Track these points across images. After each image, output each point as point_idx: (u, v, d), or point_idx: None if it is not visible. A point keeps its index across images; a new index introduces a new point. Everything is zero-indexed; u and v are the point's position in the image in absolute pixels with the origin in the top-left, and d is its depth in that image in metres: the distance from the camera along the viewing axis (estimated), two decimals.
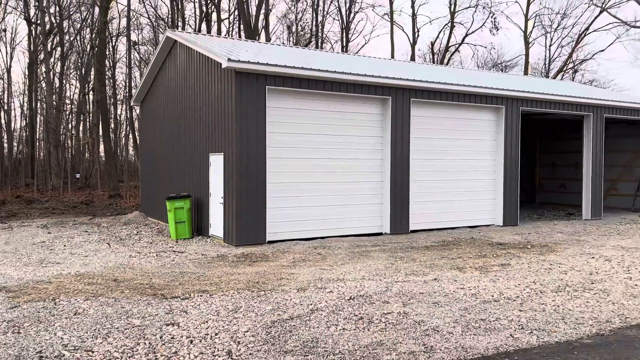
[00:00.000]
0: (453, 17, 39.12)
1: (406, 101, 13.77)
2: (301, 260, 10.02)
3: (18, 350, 5.10)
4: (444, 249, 11.55)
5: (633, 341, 5.53)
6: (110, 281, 8.16)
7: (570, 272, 9.04)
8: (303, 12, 38.89)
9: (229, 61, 11.09)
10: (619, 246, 12.03)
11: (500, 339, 5.54)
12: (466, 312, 6.53)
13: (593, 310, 6.68)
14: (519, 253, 10.99)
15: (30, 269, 9.14)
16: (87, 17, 39.37)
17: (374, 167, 13.62)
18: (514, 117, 15.68)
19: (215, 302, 6.93)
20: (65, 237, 12.89)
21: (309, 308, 6.63)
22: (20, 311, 6.43)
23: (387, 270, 9.03)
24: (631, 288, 7.92)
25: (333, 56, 18.17)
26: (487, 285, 8.00)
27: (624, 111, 18.44)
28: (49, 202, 21.58)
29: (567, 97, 16.59)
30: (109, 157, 26.66)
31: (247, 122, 11.59)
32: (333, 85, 12.63)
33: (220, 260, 10.09)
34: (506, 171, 15.55)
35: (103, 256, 10.52)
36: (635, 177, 21.07)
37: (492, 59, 44.29)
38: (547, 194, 24.91)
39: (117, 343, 5.35)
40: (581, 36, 38.17)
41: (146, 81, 17.69)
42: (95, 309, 6.57)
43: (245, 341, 5.43)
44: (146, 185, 18.76)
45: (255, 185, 11.71)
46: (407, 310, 6.59)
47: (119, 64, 44.20)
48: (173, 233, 12.97)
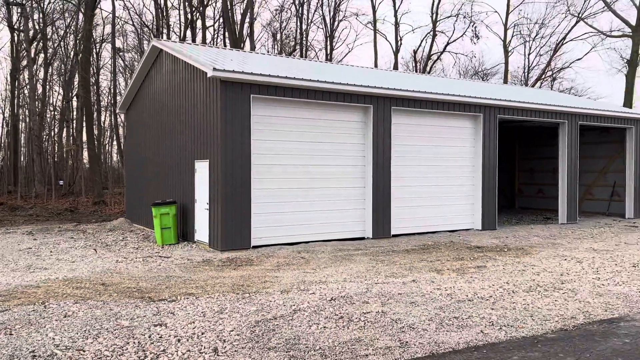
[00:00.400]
0: (435, 26, 39.86)
1: (387, 109, 14.18)
2: (285, 264, 10.31)
3: (11, 350, 5.32)
4: (424, 252, 11.92)
5: (594, 335, 5.93)
6: (98, 285, 8.37)
7: (542, 273, 9.46)
8: (287, 20, 39.31)
9: (214, 70, 11.38)
10: (591, 249, 12.51)
11: (471, 335, 5.89)
12: (441, 310, 6.88)
13: (560, 308, 7.08)
14: (496, 256, 11.40)
15: (18, 275, 9.30)
16: (71, 23, 39.37)
17: (356, 173, 13.98)
18: (492, 124, 16.18)
19: (202, 304, 7.19)
20: (51, 244, 13.02)
21: (291, 309, 6.93)
22: (11, 314, 6.62)
23: (368, 273, 9.36)
24: (598, 287, 8.35)
25: (317, 65, 18.55)
26: (462, 286, 8.37)
27: (598, 118, 19.08)
28: (33, 209, 21.57)
29: (542, 105, 17.16)
30: (93, 164, 26.68)
31: (232, 130, 11.88)
32: (316, 94, 12.98)
33: (206, 265, 10.33)
34: (484, 177, 16.03)
35: (90, 261, 10.70)
36: (610, 182, 21.74)
37: (473, 67, 45.20)
38: (526, 199, 25.54)
39: (107, 343, 5.59)
40: (558, 45, 39.15)
41: (132, 89, 17.89)
42: (84, 311, 6.79)
43: (230, 339, 5.71)
44: (131, 192, 18.90)
45: (240, 191, 11.99)
46: (385, 309, 6.91)
47: (103, 70, 44.18)
48: (159, 239, 13.17)
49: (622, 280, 8.94)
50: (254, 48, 31.39)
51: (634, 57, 33.96)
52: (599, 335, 5.90)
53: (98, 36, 39.46)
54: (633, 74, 34.00)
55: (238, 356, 5.21)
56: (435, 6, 39.83)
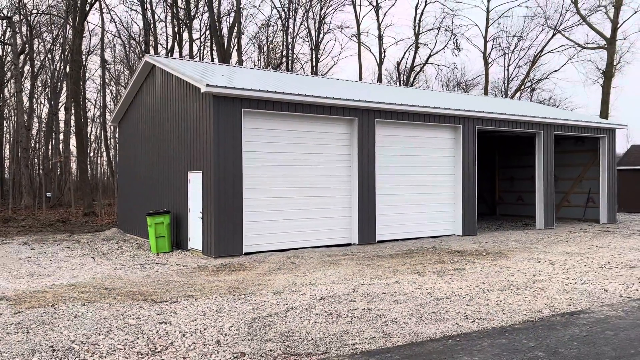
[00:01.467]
0: (417, 39, 40.94)
1: (371, 121, 14.91)
2: (276, 269, 10.91)
3: (32, 346, 5.86)
4: (407, 256, 12.61)
5: (556, 325, 6.63)
6: (102, 290, 8.90)
7: (516, 274, 10.18)
8: (274, 34, 40.09)
9: (207, 86, 12.02)
10: (564, 252, 13.30)
11: (447, 327, 6.56)
12: (421, 307, 7.55)
13: (529, 304, 7.79)
14: (474, 259, 12.12)
15: (23, 281, 9.79)
16: (59, 35, 39.73)
17: (343, 182, 14.66)
18: (471, 135, 17.01)
19: (201, 304, 7.77)
20: (49, 253, 13.47)
21: (284, 307, 7.54)
22: (25, 316, 7.15)
23: (354, 276, 10.01)
24: (565, 286, 9.09)
25: (304, 79, 19.28)
26: (442, 286, 9.05)
27: (572, 128, 20.04)
28: (25, 220, 21.89)
29: (519, 116, 18.05)
30: (83, 175, 27.03)
31: (225, 142, 12.50)
32: (304, 108, 13.67)
33: (201, 270, 10.90)
34: (465, 185, 16.81)
35: (90, 269, 11.21)
36: (585, 189, 22.71)
37: (455, 78, 46.34)
38: (506, 206, 26.44)
39: (118, 338, 6.15)
40: (537, 57, 40.45)
41: (124, 102, 18.43)
42: (92, 312, 7.33)
43: (230, 334, 6.30)
44: (124, 202, 19.36)
45: (232, 200, 12.59)
46: (370, 307, 7.56)
47: (89, 82, 44.58)
48: (154, 247, 13.69)
49: (588, 279, 9.70)
50: (241, 62, 32.06)
51: (609, 69, 35.26)
52: (560, 325, 6.61)
53: (84, 48, 39.84)
54: (608, 85, 35.29)
55: (239, 347, 5.81)
56: (418, 19, 40.97)
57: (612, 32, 34.91)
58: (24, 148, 33.52)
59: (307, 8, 39.09)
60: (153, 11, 34.57)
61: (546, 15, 39.83)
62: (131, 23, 52.38)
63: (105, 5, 35.32)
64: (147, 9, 33.50)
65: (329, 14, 41.42)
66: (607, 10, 35.57)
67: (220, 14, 34.02)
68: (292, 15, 38.22)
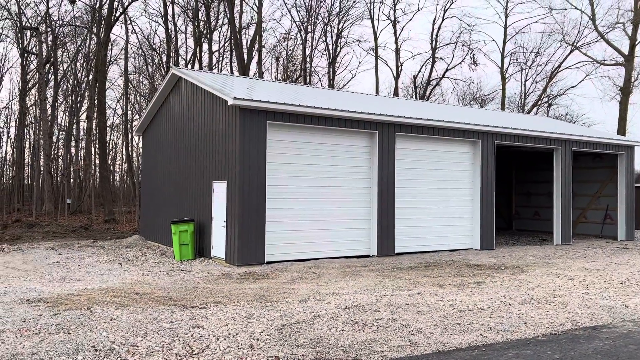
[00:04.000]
0: (434, 53, 41.25)
1: (392, 135, 15.17)
2: (299, 278, 11.15)
3: (75, 345, 6.15)
4: (427, 269, 12.78)
5: (579, 338, 6.78)
6: (133, 294, 9.21)
7: (536, 289, 10.31)
8: (293, 47, 40.67)
9: (234, 99, 12.39)
10: (583, 268, 13.37)
11: (472, 337, 6.74)
12: (445, 318, 7.74)
13: (551, 317, 7.93)
14: (494, 273, 12.26)
15: (56, 285, 10.15)
16: (82, 46, 40.69)
17: (362, 194, 14.90)
18: (490, 149, 17.17)
19: (230, 310, 8.03)
20: (77, 258, 13.86)
21: (311, 315, 7.78)
22: (63, 317, 7.46)
23: (376, 287, 10.21)
24: (586, 301, 9.21)
25: (324, 92, 19.63)
26: (463, 298, 9.22)
27: (590, 145, 20.11)
28: (49, 226, 22.41)
29: (537, 132, 18.19)
30: (104, 183, 27.57)
31: (249, 153, 12.83)
32: (326, 121, 13.98)
33: (226, 278, 11.18)
34: (483, 199, 16.95)
35: (118, 274, 11.55)
36: (603, 205, 22.68)
37: (472, 92, 46.48)
38: (523, 221, 26.43)
39: (155, 340, 6.43)
40: (554, 73, 40.49)
41: (149, 112, 18.91)
42: (127, 315, 7.63)
43: (262, 338, 6.55)
44: (146, 210, 19.77)
45: (255, 210, 12.89)
46: (395, 317, 7.76)
47: (108, 91, 45.40)
48: (177, 254, 14.01)
49: (609, 295, 9.80)
50: (261, 74, 32.59)
51: (626, 85, 35.21)
52: (583, 339, 6.76)
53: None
54: (626, 101, 35.21)
55: (272, 351, 6.06)
56: (435, 34, 41.33)
57: (630, 49, 34.90)
58: (47, 155, 34.28)
59: (326, 22, 39.65)
60: (175, 23, 35.36)
61: (564, 31, 40.03)
62: (153, 34, 53.38)
63: (128, 17, 36.19)
64: (169, 20, 34.28)
65: (346, 27, 42.00)
66: (625, 27, 35.61)
67: (240, 27, 34.66)
68: (311, 29, 38.78)
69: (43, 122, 33.96)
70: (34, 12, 39.21)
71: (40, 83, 35.00)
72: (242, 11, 34.80)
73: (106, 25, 27.74)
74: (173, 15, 34.65)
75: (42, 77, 35.03)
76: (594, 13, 36.72)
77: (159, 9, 40.80)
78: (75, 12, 39.30)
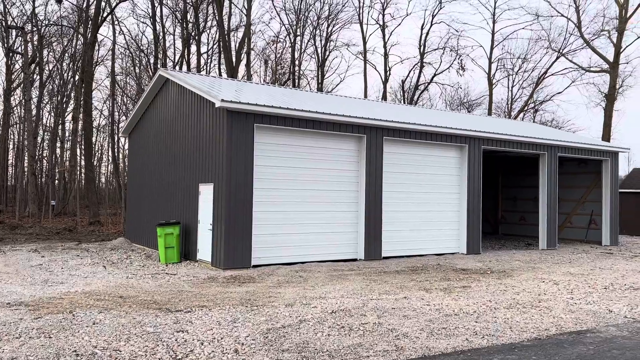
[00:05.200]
0: (422, 58, 41.47)
1: (379, 139, 15.19)
2: (285, 282, 11.09)
3: (55, 350, 6.04)
4: (413, 273, 12.79)
5: (563, 343, 6.81)
6: (117, 298, 9.09)
7: (522, 293, 10.36)
8: (282, 50, 40.64)
9: (222, 101, 12.32)
10: (568, 272, 13.47)
11: (458, 342, 6.74)
12: (431, 322, 7.73)
13: (536, 322, 7.97)
14: (480, 277, 12.30)
15: (38, 288, 9.98)
16: (69, 46, 40.28)
17: (350, 198, 14.89)
18: (476, 154, 17.27)
19: (215, 314, 7.95)
20: (60, 261, 13.66)
21: (297, 319, 7.72)
22: (45, 321, 7.33)
23: (362, 290, 10.19)
24: (571, 305, 9.27)
25: (313, 96, 19.62)
26: (449, 302, 9.23)
27: (576, 150, 20.31)
28: (32, 228, 22.09)
29: (523, 137, 18.34)
30: (90, 184, 27.26)
31: (237, 156, 12.76)
32: (314, 124, 13.96)
33: (212, 282, 11.08)
34: (469, 204, 17.03)
35: (102, 277, 11.39)
36: (588, 211, 22.91)
37: (459, 97, 46.80)
38: (509, 225, 26.61)
39: (139, 345, 6.34)
40: (540, 79, 40.91)
41: (136, 114, 18.74)
42: (110, 319, 7.51)
43: (247, 343, 6.49)
44: (132, 212, 19.57)
45: (242, 213, 12.81)
46: (381, 321, 7.74)
47: (95, 91, 44.95)
48: (162, 257, 13.87)
49: (593, 300, 9.87)
50: (250, 77, 32.49)
51: (611, 92, 35.68)
52: (567, 344, 6.79)
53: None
54: (611, 108, 35.67)
55: (257, 356, 6.00)
56: (423, 39, 41.57)
57: (614, 56, 35.39)
58: (31, 156, 33.84)
59: (315, 26, 39.69)
60: (163, 24, 35.13)
61: (550, 38, 40.30)
62: (141, 36, 52.98)
63: (115, 18, 35.89)
64: (157, 22, 34.05)
65: (335, 31, 42.11)
66: (610, 34, 36.12)
67: (229, 29, 34.55)
68: (300, 32, 38.78)
69: (28, 122, 33.51)
70: (19, 12, 38.88)
71: (25, 83, 34.56)
72: (230, 13, 34.71)
73: (93, 25, 27.51)
74: (161, 16, 34.45)
75: (27, 77, 34.61)
76: (580, 20, 37.23)
77: (147, 10, 40.59)
78: (62, 11, 38.90)
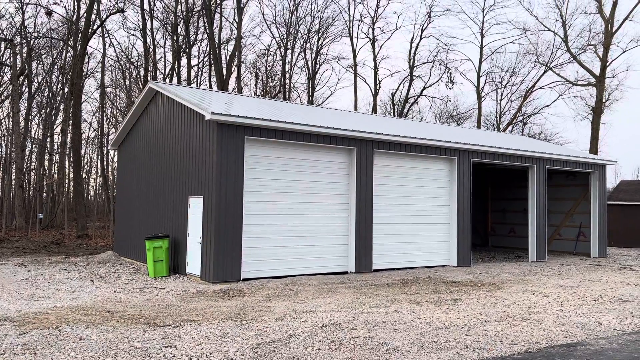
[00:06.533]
0: (412, 71, 41.82)
1: (370, 151, 15.23)
2: (275, 296, 11.01)
3: None
4: (404, 286, 12.76)
5: (554, 356, 6.80)
6: (104, 312, 8.96)
7: (512, 306, 10.36)
8: (273, 63, 40.79)
9: (212, 114, 12.30)
10: (557, 285, 13.51)
11: (448, 356, 6.71)
12: (421, 336, 7.70)
13: (526, 335, 7.96)
14: (470, 290, 12.29)
15: (24, 303, 9.81)
16: (58, 58, 40.12)
17: (340, 210, 14.87)
18: (466, 167, 17.36)
19: (204, 329, 7.86)
20: (47, 275, 13.46)
21: (287, 333, 7.65)
22: (30, 337, 7.20)
23: (353, 304, 10.14)
24: (561, 318, 9.28)
25: (304, 108, 19.67)
26: (440, 315, 9.20)
27: (564, 163, 20.50)
28: (19, 241, 21.80)
29: (512, 150, 18.48)
30: (78, 197, 27.02)
31: (227, 168, 12.72)
32: (305, 136, 13.97)
33: (201, 295, 10.97)
34: (459, 216, 17.08)
35: (89, 291, 11.24)
36: (576, 223, 23.07)
37: (448, 110, 47.17)
38: (498, 237, 26.71)
39: None
40: (528, 92, 41.39)
41: (125, 127, 18.65)
42: (97, 335, 7.40)
43: (236, 358, 6.41)
44: (121, 225, 19.39)
45: (232, 226, 12.73)
46: (372, 335, 7.69)
47: (84, 104, 44.70)
48: (151, 271, 13.73)
49: (582, 312, 9.89)
50: (240, 89, 32.53)
51: (598, 105, 36.16)
52: (558, 356, 6.78)
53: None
54: (598, 121, 36.13)
55: None
56: (413, 53, 41.95)
57: (601, 70, 35.93)
58: (19, 168, 33.50)
59: (306, 39, 39.92)
60: (153, 37, 35.14)
61: (537, 52, 40.92)
62: (131, 48, 52.97)
63: (106, 30, 35.86)
64: (148, 34, 34.06)
65: (326, 44, 42.33)
66: (597, 49, 36.70)
67: (220, 42, 34.65)
68: (291, 45, 38.98)
69: (16, 134, 33.24)
70: (8, 24, 38.66)
71: (14, 95, 34.32)
72: (221, 27, 34.84)
73: (83, 38, 27.45)
74: (152, 29, 34.46)
75: (15, 89, 34.36)
76: (567, 35, 37.81)
77: (138, 23, 40.64)
78: (52, 24, 38.81)
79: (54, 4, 38.60)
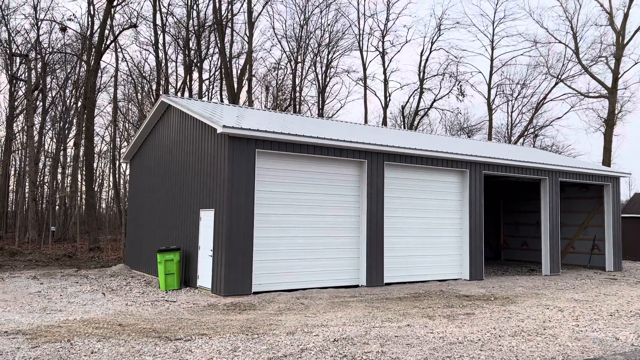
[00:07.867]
0: (422, 84, 41.85)
1: (380, 164, 15.19)
2: (286, 309, 10.95)
3: None
4: (416, 300, 12.63)
5: None
6: (116, 326, 8.96)
7: (526, 320, 10.21)
8: (283, 77, 41.05)
9: (223, 127, 12.36)
10: (572, 299, 13.31)
11: None
12: (435, 351, 7.59)
13: (542, 350, 7.82)
14: (483, 304, 12.14)
15: (36, 316, 9.85)
16: (71, 73, 40.71)
17: (351, 223, 14.81)
18: (478, 179, 17.25)
19: (215, 343, 7.82)
20: (59, 288, 13.52)
21: (299, 348, 7.59)
22: (42, 350, 7.21)
23: (365, 318, 10.05)
24: (577, 333, 9.12)
25: (314, 121, 19.72)
26: (453, 330, 9.08)
27: (577, 175, 20.31)
28: (32, 254, 21.95)
29: (524, 162, 18.35)
30: (90, 210, 27.21)
31: (238, 182, 12.75)
32: (315, 149, 13.99)
33: (212, 309, 10.94)
34: (471, 229, 16.94)
35: (101, 304, 11.25)
36: (590, 236, 22.77)
37: (459, 122, 47.05)
38: (511, 251, 26.42)
39: None
40: (539, 104, 41.19)
41: (138, 140, 18.81)
42: (109, 348, 7.39)
43: None
44: (132, 238, 19.47)
45: (243, 239, 12.73)
46: (384, 349, 7.60)
47: (97, 118, 45.23)
48: (162, 284, 13.73)
49: (599, 327, 9.72)
50: (251, 103, 32.73)
51: (610, 117, 35.87)
52: None
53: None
54: (610, 133, 35.81)
55: None
56: (423, 66, 42.01)
57: (613, 82, 35.69)
58: (32, 182, 33.88)
59: (316, 53, 40.17)
60: (165, 52, 35.56)
61: (548, 64, 40.70)
62: (143, 62, 53.60)
63: (119, 45, 36.36)
64: (160, 49, 34.49)
65: (336, 58, 42.54)
66: (608, 60, 36.50)
67: (231, 56, 34.96)
68: (301, 59, 39.23)
69: (30, 148, 33.66)
70: (24, 40, 39.36)
71: (28, 109, 34.85)
72: (232, 41, 35.16)
73: (96, 53, 27.84)
74: (164, 43, 34.89)
75: (30, 103, 34.90)
76: (578, 47, 37.67)
77: (150, 38, 41.04)
78: (66, 39, 39.40)
79: (68, 19, 39.16)
